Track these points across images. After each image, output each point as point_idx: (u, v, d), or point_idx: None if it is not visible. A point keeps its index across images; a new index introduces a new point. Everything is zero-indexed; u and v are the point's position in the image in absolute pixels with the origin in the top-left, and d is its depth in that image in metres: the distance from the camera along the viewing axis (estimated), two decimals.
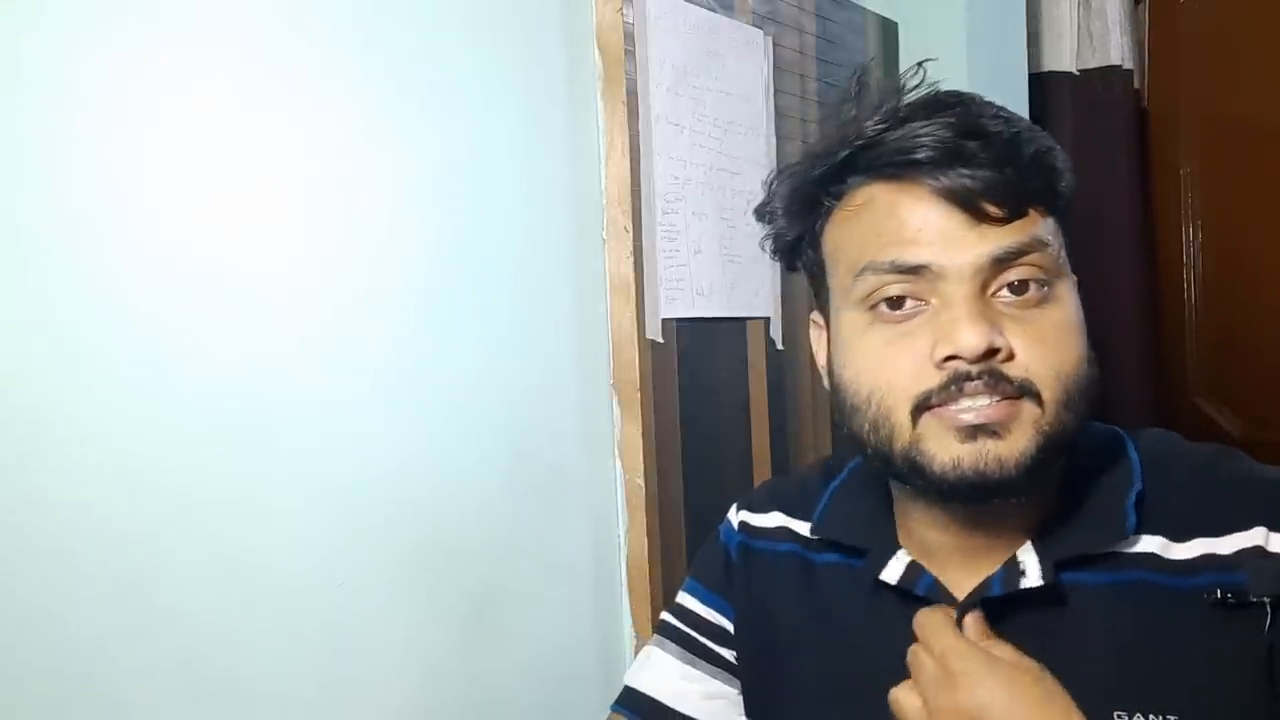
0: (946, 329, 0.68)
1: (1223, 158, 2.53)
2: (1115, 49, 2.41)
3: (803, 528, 0.86)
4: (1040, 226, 0.69)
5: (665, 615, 0.94)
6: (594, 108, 1.31)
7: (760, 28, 1.54)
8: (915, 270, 0.69)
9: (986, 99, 0.73)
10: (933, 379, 0.68)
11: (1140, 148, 2.56)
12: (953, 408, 0.68)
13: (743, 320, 1.49)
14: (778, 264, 0.83)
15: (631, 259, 1.30)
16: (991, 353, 0.67)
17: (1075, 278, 0.74)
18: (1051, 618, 0.72)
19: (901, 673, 0.74)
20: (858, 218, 0.72)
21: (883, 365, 0.70)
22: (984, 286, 0.69)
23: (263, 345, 0.96)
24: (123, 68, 0.87)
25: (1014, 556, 0.73)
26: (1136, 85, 2.54)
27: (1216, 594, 0.68)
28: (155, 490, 0.88)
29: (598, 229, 1.31)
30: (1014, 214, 0.68)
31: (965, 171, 0.68)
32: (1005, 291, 0.69)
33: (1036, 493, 0.71)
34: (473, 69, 1.16)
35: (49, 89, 0.83)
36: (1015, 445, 0.67)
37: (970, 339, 0.66)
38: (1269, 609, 0.68)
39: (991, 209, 0.68)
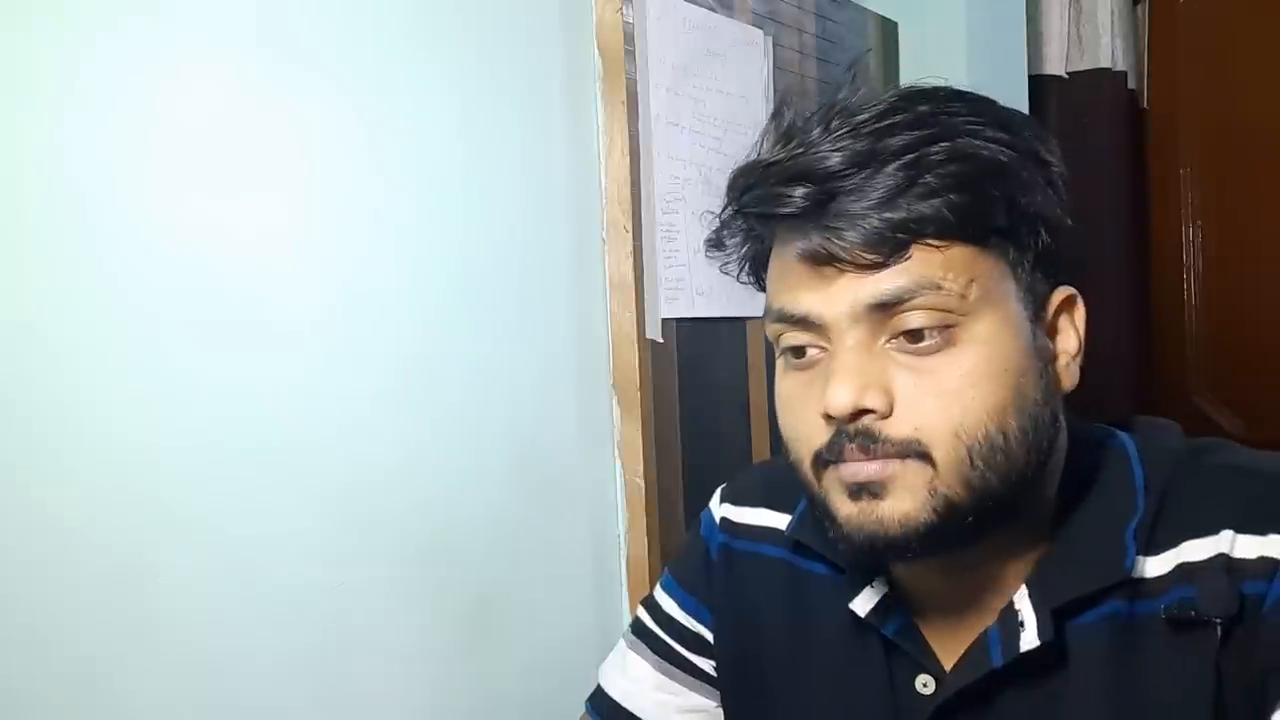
0: (824, 383, 0.64)
1: (1223, 158, 2.53)
2: (1105, 52, 2.41)
3: (787, 524, 0.81)
4: (934, 266, 0.62)
5: (642, 614, 0.89)
6: (593, 107, 1.31)
7: (760, 28, 1.54)
8: (800, 320, 0.65)
9: (941, 93, 0.66)
10: (822, 435, 0.64)
11: (1136, 149, 2.56)
12: (841, 466, 0.64)
13: (743, 320, 1.49)
14: None
15: (631, 259, 1.30)
16: (864, 412, 0.62)
17: (1061, 294, 0.67)
18: (1049, 670, 0.67)
19: (881, 712, 0.71)
20: (773, 254, 0.69)
21: (789, 416, 0.68)
22: (873, 335, 0.63)
23: (262, 346, 0.96)
24: (123, 68, 0.87)
25: (1010, 606, 0.67)
26: (1133, 86, 2.54)
27: (1174, 610, 0.64)
28: (155, 491, 0.88)
29: (598, 229, 1.31)
30: (890, 257, 0.62)
31: (826, 223, 0.62)
32: (902, 338, 0.63)
33: (1011, 545, 0.67)
34: (472, 69, 1.16)
35: (48, 90, 0.83)
36: (899, 506, 0.63)
37: (838, 398, 0.62)
38: (1219, 629, 0.63)
39: (859, 257, 0.62)
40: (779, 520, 0.82)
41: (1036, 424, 0.64)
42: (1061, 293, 0.68)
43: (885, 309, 0.62)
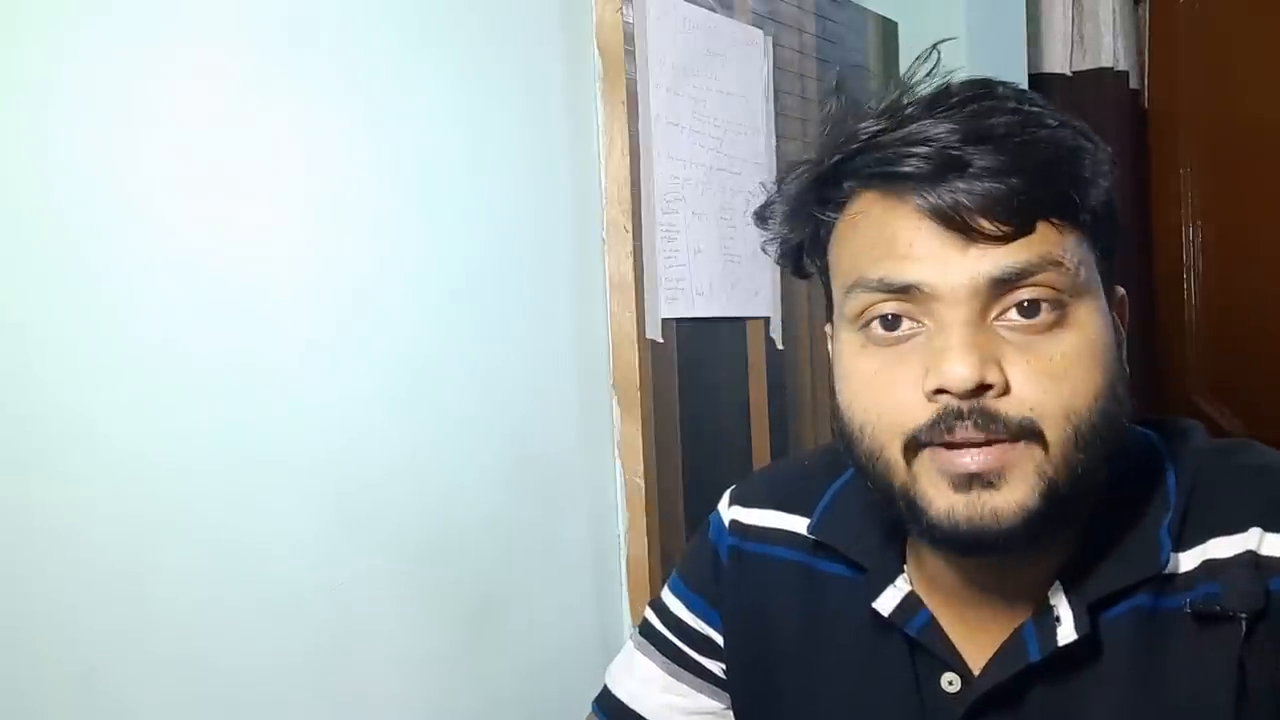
0: (936, 358, 0.61)
1: (1223, 158, 2.53)
2: (1107, 51, 2.41)
3: (803, 525, 0.79)
4: (1054, 242, 0.61)
5: (650, 616, 0.88)
6: (593, 107, 1.31)
7: (760, 28, 1.54)
8: (905, 290, 0.62)
9: (1010, 86, 0.66)
10: (923, 414, 0.62)
11: (1139, 148, 2.56)
12: (945, 451, 0.61)
13: (743, 320, 1.49)
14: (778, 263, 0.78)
15: (631, 259, 1.30)
16: (984, 388, 0.60)
17: (1119, 291, 0.68)
18: (1079, 664, 0.67)
19: (906, 712, 0.71)
20: (855, 228, 0.66)
21: (873, 395, 0.64)
22: (984, 310, 0.61)
23: (262, 345, 0.96)
24: (123, 67, 0.87)
25: (1045, 601, 0.67)
26: (1135, 86, 2.54)
27: (1199, 605, 0.64)
28: (155, 492, 0.88)
29: (598, 229, 1.31)
30: (1019, 230, 0.61)
31: (959, 186, 0.60)
32: (1012, 314, 0.61)
33: (1051, 538, 0.66)
34: (472, 69, 1.16)
35: (47, 91, 0.83)
36: (1013, 495, 0.61)
37: (958, 372, 0.60)
38: (1244, 625, 0.63)
39: (989, 226, 0.60)
40: (791, 522, 0.81)
41: (1123, 405, 0.65)
42: (1118, 291, 0.69)
43: (1006, 284, 0.61)
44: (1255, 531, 0.65)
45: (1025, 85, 2.12)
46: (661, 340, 1.34)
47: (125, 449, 0.86)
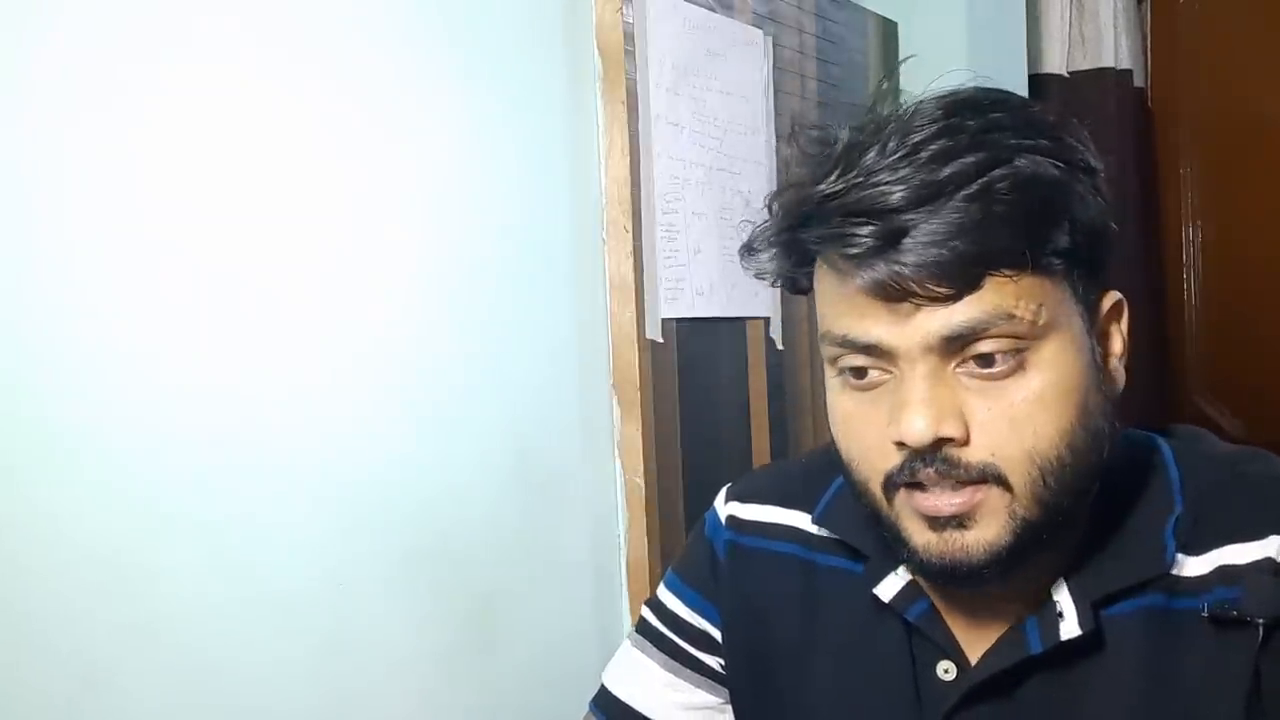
0: (896, 411, 0.63)
1: (1223, 158, 2.53)
2: (1108, 51, 2.41)
3: (803, 520, 0.81)
4: (1007, 293, 0.62)
5: (646, 613, 0.89)
6: (593, 107, 1.30)
7: (760, 28, 1.54)
8: (867, 349, 0.64)
9: (985, 113, 0.64)
10: (892, 458, 0.64)
11: (1140, 148, 2.56)
12: (918, 494, 0.64)
13: (742, 320, 1.49)
14: None
15: (631, 259, 1.30)
16: (942, 441, 0.62)
17: (1111, 298, 0.68)
18: (1079, 659, 0.68)
19: (901, 699, 0.71)
20: (822, 281, 0.68)
21: (853, 434, 0.67)
22: (943, 361, 0.63)
23: (261, 346, 0.96)
24: (122, 67, 0.87)
25: (1049, 597, 0.68)
26: (1139, 84, 2.54)
27: (1216, 609, 0.65)
28: (155, 493, 0.88)
29: (598, 229, 1.31)
30: (963, 291, 0.61)
31: (902, 259, 0.61)
32: (972, 363, 0.63)
33: (1054, 536, 0.66)
34: (472, 69, 1.16)
35: (46, 91, 0.83)
36: (983, 535, 0.63)
37: (915, 427, 0.62)
38: (1261, 630, 0.65)
39: (933, 290, 0.61)
40: (791, 517, 0.82)
41: (1097, 435, 0.66)
42: (1110, 298, 0.69)
43: (958, 340, 0.62)
44: (1275, 540, 0.66)
45: (1025, 86, 2.14)
46: (661, 340, 1.34)
47: (125, 450, 0.86)
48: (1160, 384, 2.56)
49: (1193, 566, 0.67)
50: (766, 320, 1.53)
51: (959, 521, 0.64)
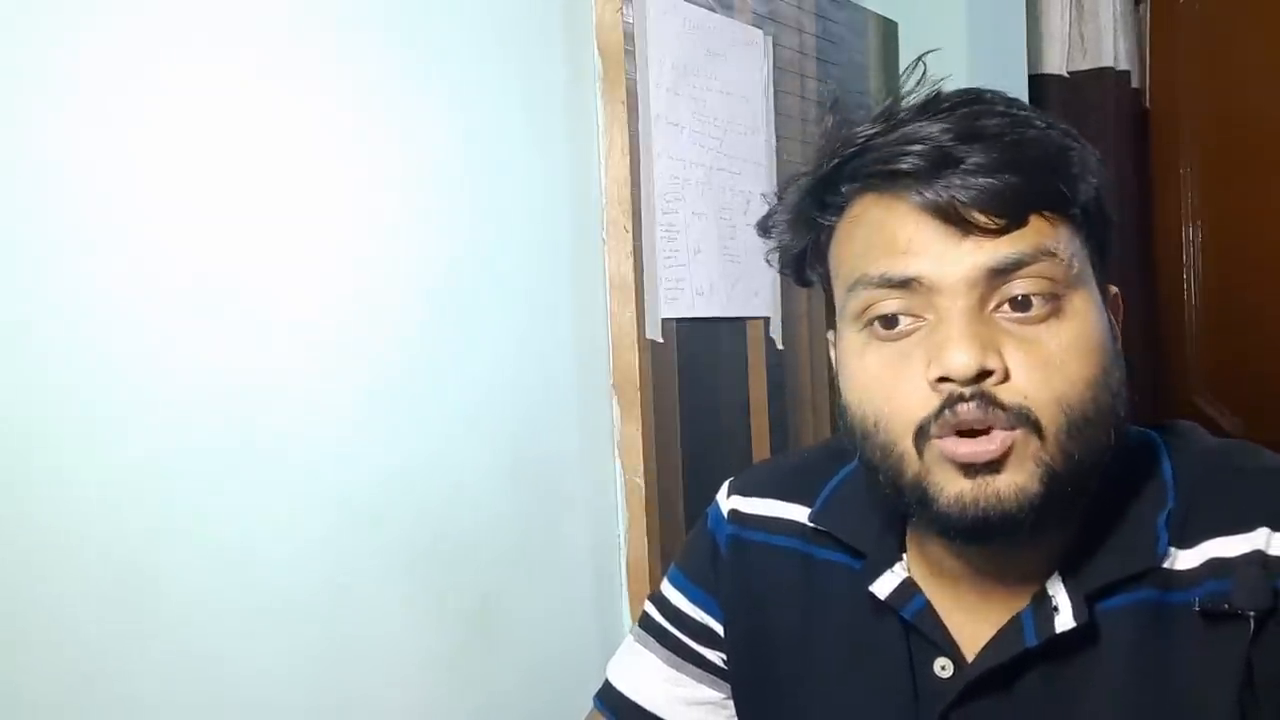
0: (938, 348, 0.63)
1: (1223, 158, 2.53)
2: (1108, 51, 2.41)
3: (803, 514, 0.81)
4: (1047, 235, 0.64)
5: (649, 608, 0.89)
6: (593, 107, 1.31)
7: (760, 28, 1.54)
8: (905, 284, 0.65)
9: (999, 93, 0.69)
10: (929, 404, 0.64)
11: (1139, 148, 2.56)
12: (951, 442, 0.64)
13: (743, 320, 1.49)
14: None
15: (631, 259, 1.30)
16: (985, 374, 0.63)
17: (1112, 290, 0.70)
18: (1075, 654, 0.68)
19: (899, 697, 0.72)
20: (854, 230, 0.69)
21: (882, 391, 0.66)
22: (983, 301, 0.64)
23: (261, 347, 0.96)
24: (122, 67, 0.87)
25: (1043, 590, 0.69)
26: (1136, 85, 2.54)
27: (1207, 603, 0.66)
28: (155, 494, 0.88)
29: (597, 229, 1.31)
30: (1012, 223, 0.63)
31: (954, 181, 0.63)
32: (1007, 307, 0.64)
33: (1050, 529, 0.67)
34: (472, 69, 1.16)
35: (45, 92, 0.83)
36: (1014, 480, 0.63)
37: (960, 359, 0.62)
38: (1252, 623, 0.65)
39: (984, 219, 0.63)
40: (791, 511, 0.82)
41: (1115, 404, 0.66)
42: (1111, 290, 0.71)
43: (1002, 274, 0.64)
44: (1263, 531, 0.66)
45: (1025, 86, 2.14)
46: (661, 340, 1.34)
47: (126, 450, 0.86)
48: (1159, 384, 2.57)
49: (1184, 560, 0.68)
50: (766, 320, 1.53)
51: (992, 467, 0.63)
